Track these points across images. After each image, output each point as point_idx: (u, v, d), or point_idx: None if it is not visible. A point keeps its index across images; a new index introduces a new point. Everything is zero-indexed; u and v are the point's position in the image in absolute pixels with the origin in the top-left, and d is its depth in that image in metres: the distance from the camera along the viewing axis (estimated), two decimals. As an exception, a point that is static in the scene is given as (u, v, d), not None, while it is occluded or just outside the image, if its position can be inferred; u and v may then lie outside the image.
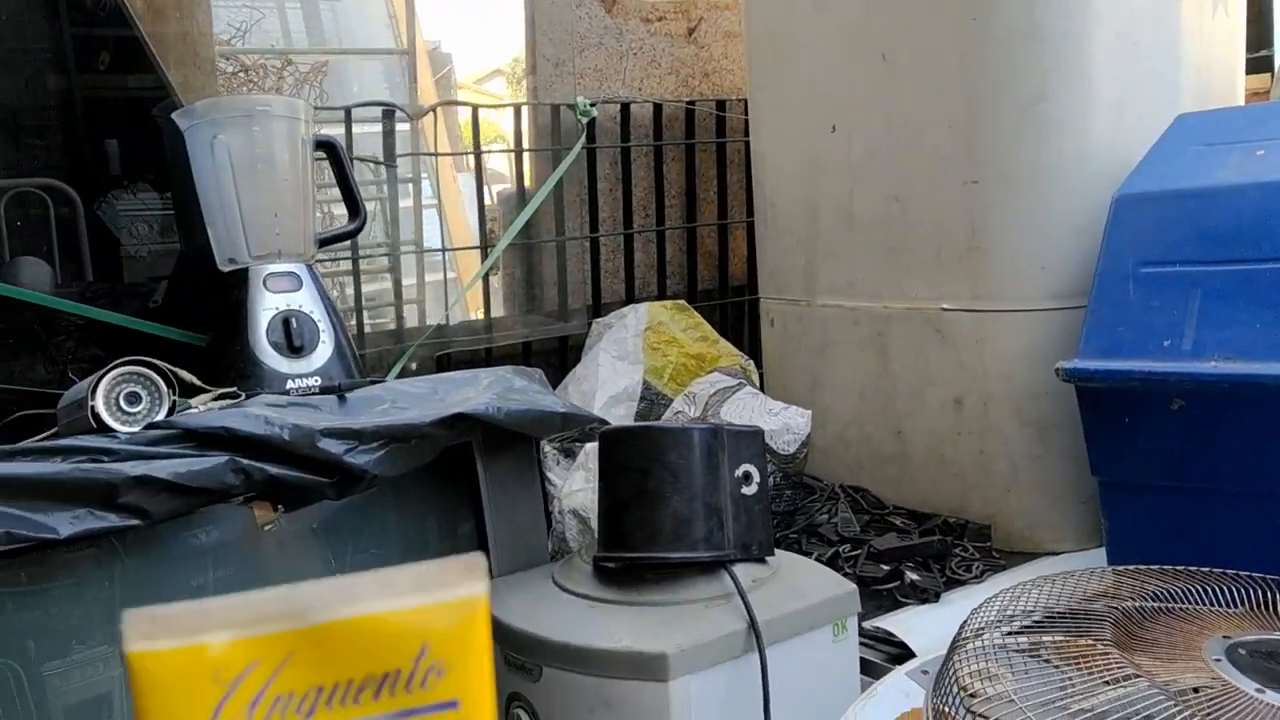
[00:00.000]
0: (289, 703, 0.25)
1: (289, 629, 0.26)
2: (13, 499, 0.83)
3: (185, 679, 0.25)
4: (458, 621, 0.26)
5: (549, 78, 2.33)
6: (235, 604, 0.26)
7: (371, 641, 0.26)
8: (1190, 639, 0.90)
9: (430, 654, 0.26)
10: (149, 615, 0.26)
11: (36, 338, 1.58)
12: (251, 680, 0.25)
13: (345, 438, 1.03)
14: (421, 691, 0.26)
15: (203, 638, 0.25)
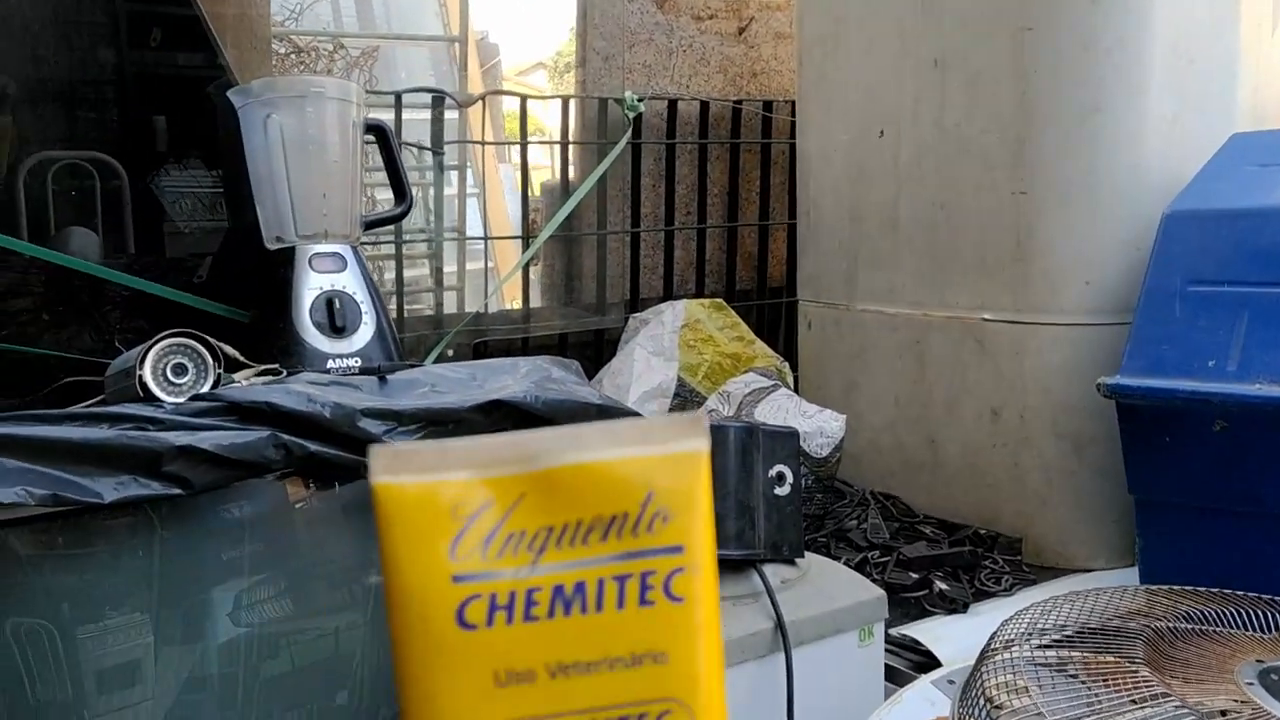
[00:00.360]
0: (520, 540, 0.26)
1: (521, 472, 0.27)
2: (60, 462, 0.84)
3: (426, 512, 0.27)
4: (682, 473, 0.27)
5: (598, 71, 2.33)
6: (471, 446, 0.27)
7: (599, 486, 0.27)
8: (1222, 661, 0.89)
9: (656, 500, 0.26)
10: (393, 451, 0.28)
11: (84, 307, 1.60)
12: (486, 518, 0.27)
13: (385, 418, 1.04)
14: (648, 535, 0.27)
15: (442, 475, 0.27)
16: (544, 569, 0.26)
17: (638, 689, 0.26)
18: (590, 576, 0.26)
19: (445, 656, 0.26)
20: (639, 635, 0.26)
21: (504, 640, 0.26)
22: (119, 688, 0.94)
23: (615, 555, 0.27)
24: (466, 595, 0.26)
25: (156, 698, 0.94)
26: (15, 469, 0.82)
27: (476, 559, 0.26)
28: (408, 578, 0.26)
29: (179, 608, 0.95)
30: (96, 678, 0.96)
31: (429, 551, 0.26)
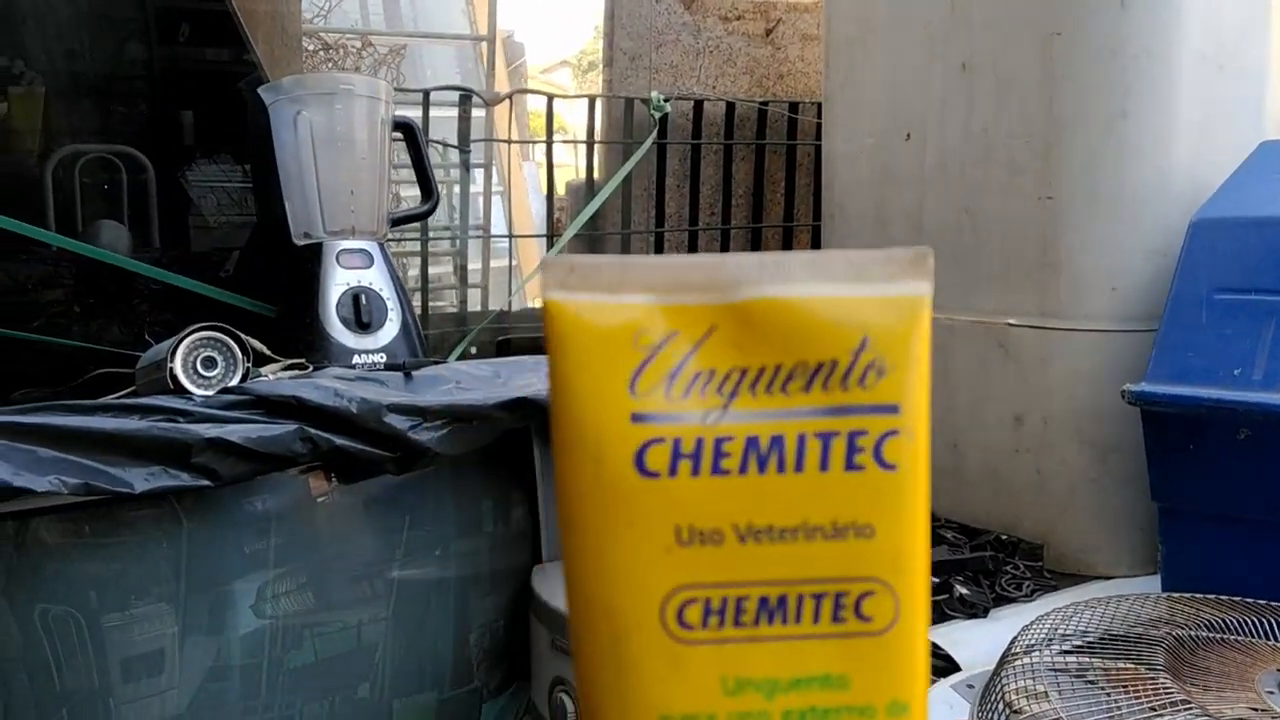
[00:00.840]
0: (709, 380, 0.23)
1: (713, 301, 0.23)
2: (93, 452, 0.85)
3: (604, 338, 0.23)
4: (902, 320, 0.24)
5: (624, 71, 2.34)
6: (656, 266, 0.23)
7: (805, 327, 0.23)
8: (1243, 670, 0.89)
9: (870, 349, 0.23)
10: (567, 263, 0.23)
11: (113, 300, 1.62)
12: (671, 351, 0.23)
13: (410, 414, 1.05)
14: (859, 390, 0.23)
15: (622, 297, 0.23)
16: (736, 416, 0.23)
17: (838, 564, 0.23)
18: (790, 431, 0.23)
19: (621, 505, 0.22)
20: (843, 503, 0.23)
21: (689, 493, 0.22)
22: (144, 676, 0.95)
23: (820, 409, 0.23)
24: (648, 438, 0.22)
25: (181, 687, 0.95)
26: (49, 458, 0.83)
27: (659, 397, 0.22)
28: (581, 411, 0.22)
29: (203, 599, 0.97)
30: (122, 666, 0.98)
31: (607, 383, 0.23)
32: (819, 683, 0.23)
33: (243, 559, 1.00)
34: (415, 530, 1.18)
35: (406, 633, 1.07)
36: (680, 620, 0.23)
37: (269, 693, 0.99)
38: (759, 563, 0.23)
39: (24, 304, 1.54)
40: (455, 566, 1.12)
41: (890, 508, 0.23)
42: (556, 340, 0.23)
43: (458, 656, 1.10)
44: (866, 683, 0.23)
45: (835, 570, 0.23)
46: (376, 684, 1.05)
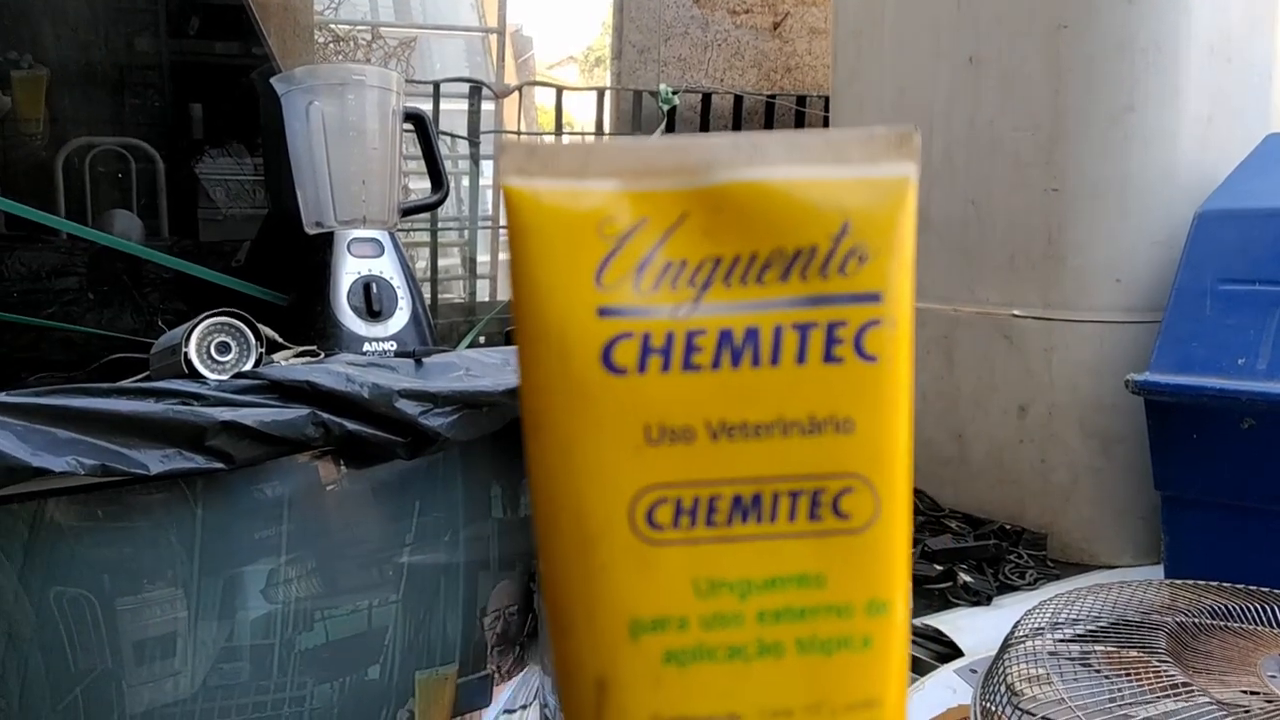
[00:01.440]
0: (681, 271, 0.21)
1: (684, 187, 0.22)
2: (109, 434, 0.86)
3: (567, 226, 0.22)
4: (885, 203, 0.22)
5: (633, 64, 2.35)
6: (623, 149, 0.22)
7: (781, 211, 0.22)
8: (1245, 655, 0.90)
9: (851, 235, 0.22)
10: (528, 148, 0.22)
11: (125, 288, 1.63)
12: (640, 240, 0.22)
13: (421, 400, 1.06)
14: (840, 277, 0.22)
15: (586, 183, 0.22)
16: (708, 309, 0.22)
17: (815, 460, 0.22)
18: (765, 322, 0.22)
19: (588, 404, 0.21)
20: (821, 397, 0.22)
21: (658, 389, 0.21)
22: (157, 657, 0.96)
23: (797, 299, 0.22)
24: (615, 333, 0.22)
25: (193, 668, 0.96)
26: (67, 439, 0.85)
27: (627, 290, 0.22)
28: (545, 305, 0.22)
29: (216, 581, 0.98)
30: (135, 647, 0.99)
31: (571, 275, 0.22)
32: (795, 582, 0.22)
33: (255, 543, 1.01)
34: (425, 515, 1.20)
35: (417, 617, 1.09)
36: (650, 521, 0.22)
37: (280, 674, 1.00)
38: (732, 460, 0.22)
39: (38, 291, 1.55)
40: (465, 551, 1.14)
41: (871, 401, 0.22)
42: (517, 229, 0.22)
43: (469, 640, 1.11)
44: (844, 581, 0.22)
45: (812, 467, 0.22)
46: (385, 666, 1.06)
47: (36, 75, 1.74)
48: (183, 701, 0.95)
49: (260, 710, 0.98)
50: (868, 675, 0.22)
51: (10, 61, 1.72)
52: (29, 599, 0.90)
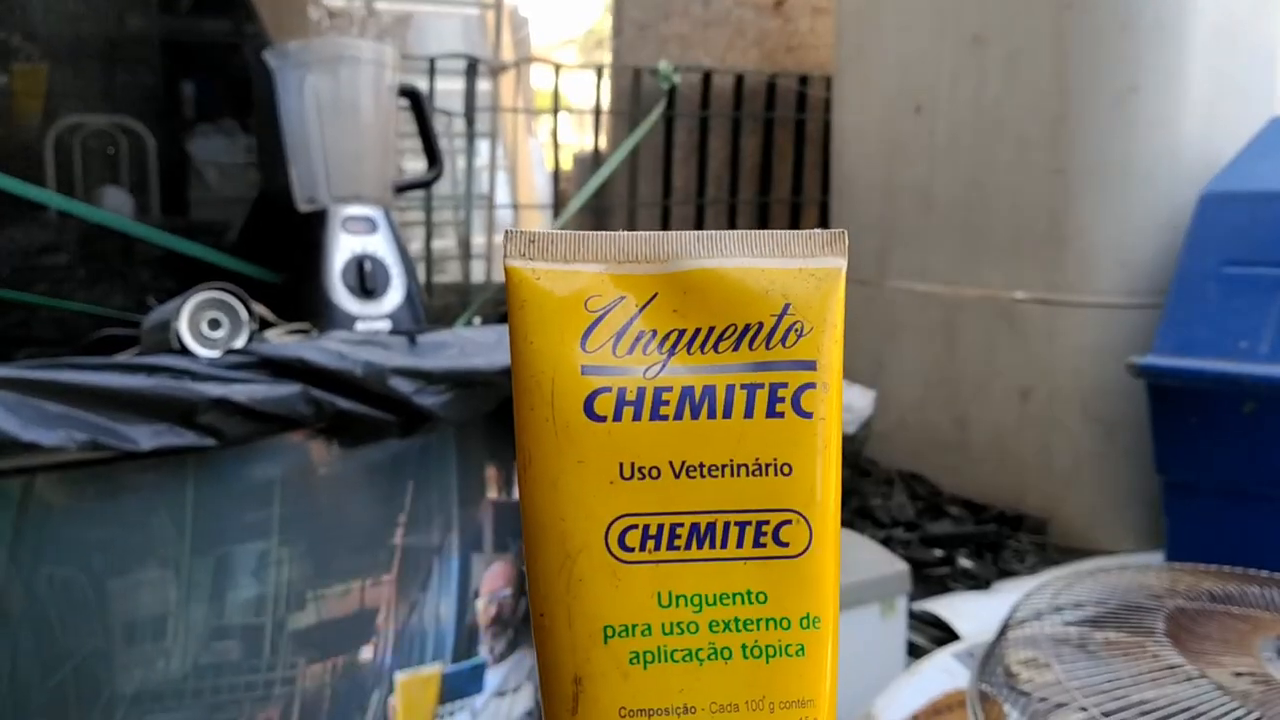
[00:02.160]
0: (651, 339, 0.26)
1: (656, 271, 0.27)
2: (100, 408, 0.85)
3: (559, 301, 0.27)
4: (820, 289, 0.27)
5: (632, 41, 2.33)
6: (606, 240, 0.28)
7: (735, 294, 0.27)
8: (1244, 638, 0.89)
9: (792, 314, 0.27)
10: (528, 236, 0.27)
11: (116, 266, 1.62)
12: (618, 313, 0.27)
13: (415, 378, 1.05)
14: (781, 348, 0.27)
15: (575, 266, 0.27)
16: (674, 370, 0.27)
17: (759, 498, 0.27)
18: (720, 383, 0.27)
19: (572, 445, 0.26)
20: (765, 445, 0.26)
21: (631, 435, 0.26)
22: (148, 637, 0.95)
23: (746, 365, 0.27)
24: (596, 387, 0.26)
25: (184, 647, 0.96)
26: (57, 413, 0.84)
27: (607, 353, 0.27)
28: (539, 364, 0.27)
29: (207, 561, 0.97)
30: (125, 626, 0.98)
31: (560, 339, 0.27)
32: (741, 598, 0.27)
33: (246, 522, 1.00)
34: (419, 495, 1.19)
35: (410, 598, 1.08)
36: (621, 544, 0.26)
37: (271, 654, 0.99)
38: (691, 495, 0.26)
39: (27, 268, 1.54)
40: (459, 533, 1.13)
41: (806, 450, 0.27)
42: (518, 302, 0.27)
43: (462, 622, 1.10)
44: (783, 598, 0.27)
45: (757, 503, 0.27)
46: (378, 647, 1.05)
47: (37, 69, 1.73)
48: (173, 681, 0.94)
49: (251, 690, 0.97)
50: (802, 678, 0.27)
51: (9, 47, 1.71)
52: (19, 579, 0.89)
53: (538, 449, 0.27)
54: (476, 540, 1.14)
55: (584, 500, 0.26)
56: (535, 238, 0.27)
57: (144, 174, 1.78)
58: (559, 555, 0.27)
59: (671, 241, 0.27)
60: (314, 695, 1.01)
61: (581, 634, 0.27)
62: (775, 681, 0.26)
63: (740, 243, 0.27)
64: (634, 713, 0.26)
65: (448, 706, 1.07)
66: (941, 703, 1.03)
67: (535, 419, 0.27)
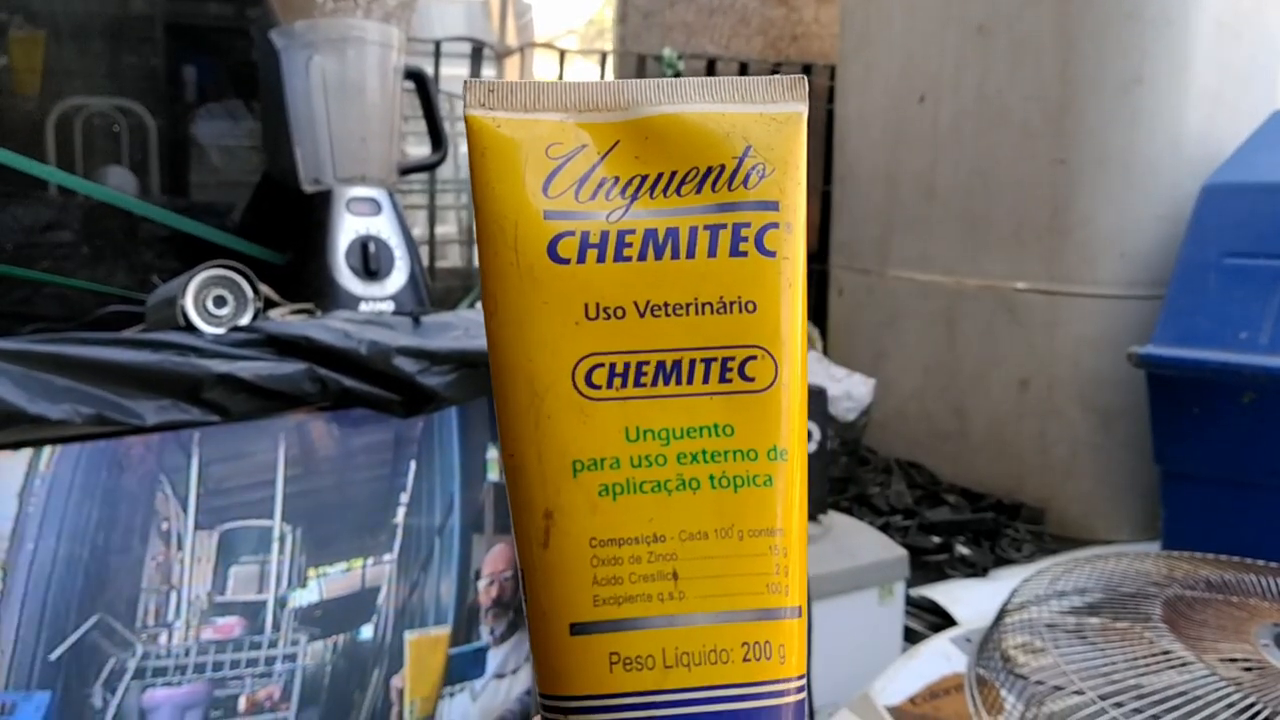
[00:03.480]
0: (614, 185, 0.27)
1: (617, 119, 0.27)
2: (106, 383, 0.86)
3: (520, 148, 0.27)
4: (781, 132, 0.27)
5: (637, 28, 2.32)
6: (566, 89, 0.28)
7: (695, 138, 0.27)
8: (1240, 625, 0.89)
9: (753, 156, 0.27)
10: (487, 86, 0.27)
11: (120, 245, 1.62)
12: (580, 161, 0.27)
13: (419, 358, 1.05)
14: (744, 189, 0.27)
15: (536, 115, 0.27)
16: (636, 214, 0.27)
17: (725, 334, 0.27)
18: (683, 224, 0.27)
19: (537, 288, 0.27)
20: (729, 283, 0.27)
21: (595, 276, 0.27)
22: (150, 612, 0.96)
23: (709, 207, 0.27)
24: (559, 231, 0.27)
25: (185, 623, 0.96)
26: (64, 387, 0.84)
27: (570, 199, 0.27)
28: (501, 210, 0.27)
29: (209, 536, 0.97)
30: (128, 601, 0.98)
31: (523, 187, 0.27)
32: (709, 430, 0.27)
33: (250, 498, 1.01)
34: (422, 475, 1.19)
35: (411, 577, 1.08)
36: (589, 381, 0.27)
37: (273, 631, 1.00)
38: (656, 333, 0.27)
39: (31, 245, 1.54)
40: (461, 513, 1.13)
41: (770, 287, 0.27)
42: (478, 151, 0.27)
43: (462, 602, 1.11)
44: (750, 431, 0.27)
45: (723, 339, 0.27)
46: (379, 626, 1.06)
47: (34, 35, 1.72)
48: (175, 655, 0.95)
49: (253, 666, 0.98)
50: (769, 507, 0.27)
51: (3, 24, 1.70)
52: (21, 550, 0.89)
53: (503, 293, 0.27)
54: (478, 521, 1.15)
55: (550, 340, 0.27)
56: (494, 87, 0.27)
57: (145, 155, 1.78)
58: (527, 394, 0.27)
59: (632, 89, 0.27)
60: (315, 673, 1.01)
61: (551, 469, 0.27)
62: (744, 510, 0.27)
63: (700, 89, 0.27)
64: (604, 543, 0.27)
65: (449, 688, 1.08)
66: (939, 686, 1.04)
67: (500, 264, 0.27)
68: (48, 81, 1.74)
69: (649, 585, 0.27)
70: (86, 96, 1.76)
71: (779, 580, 0.27)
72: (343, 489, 1.07)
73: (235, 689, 0.97)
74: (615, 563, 0.27)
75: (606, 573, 0.27)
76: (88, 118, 1.74)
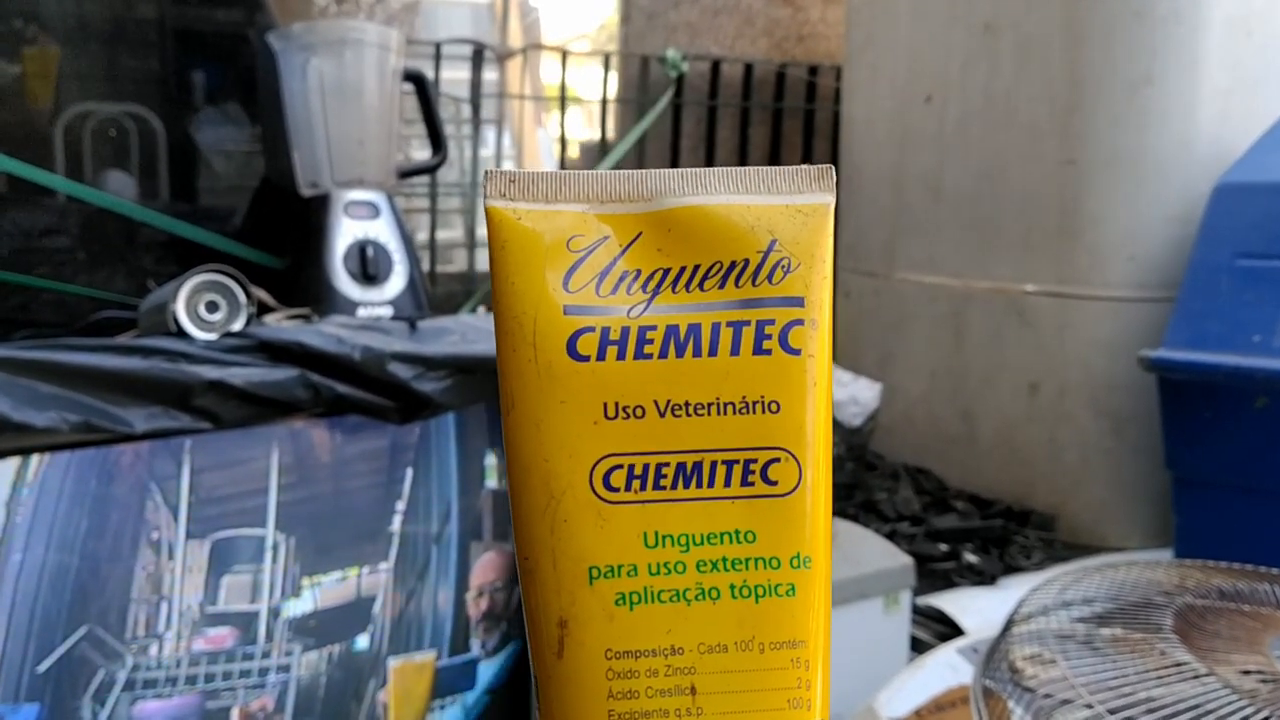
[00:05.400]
0: (635, 279, 0.26)
1: (640, 211, 0.27)
2: (94, 390, 0.85)
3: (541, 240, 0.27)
4: (807, 225, 0.27)
5: (641, 29, 2.31)
6: (589, 179, 0.27)
7: (720, 231, 0.27)
8: (1253, 635, 0.87)
9: (778, 250, 0.26)
10: (508, 176, 0.27)
11: (118, 250, 1.61)
12: (601, 253, 0.27)
13: (414, 363, 1.04)
14: (768, 284, 0.26)
15: (558, 205, 0.27)
16: (658, 309, 0.26)
17: (747, 436, 0.26)
18: (705, 321, 0.26)
19: (556, 385, 0.26)
20: (752, 383, 0.26)
21: (615, 374, 0.26)
22: (141, 622, 0.95)
23: (732, 302, 0.26)
24: (579, 327, 0.26)
25: (178, 633, 0.95)
26: (50, 394, 0.83)
27: (590, 293, 0.26)
28: (521, 305, 0.26)
29: (202, 546, 0.96)
30: (119, 611, 0.97)
31: (544, 281, 0.26)
32: (730, 537, 0.26)
33: (242, 507, 1.00)
34: (418, 483, 1.18)
35: (407, 586, 1.07)
36: (607, 484, 0.26)
37: (266, 641, 0.98)
38: (677, 434, 0.26)
39: (29, 250, 1.53)
40: (458, 522, 1.12)
41: (795, 387, 0.26)
42: (499, 243, 0.27)
43: (459, 612, 1.09)
44: (773, 537, 0.26)
45: (745, 441, 0.26)
46: (375, 636, 1.04)
47: (48, 51, 1.72)
48: (166, 667, 0.93)
49: (245, 677, 0.96)
50: (793, 618, 0.26)
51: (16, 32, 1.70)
52: (10, 560, 0.88)
53: (521, 390, 0.26)
54: (476, 529, 1.13)
55: (568, 441, 0.26)
56: (516, 177, 0.27)
57: (153, 161, 1.77)
58: (543, 496, 0.26)
59: (655, 180, 0.27)
60: (309, 683, 1.00)
61: (566, 575, 0.26)
62: (765, 622, 0.26)
63: (724, 179, 0.27)
64: (620, 654, 0.26)
65: (439, 701, 1.06)
66: (944, 698, 1.02)
67: (518, 360, 0.26)
68: (58, 88, 1.74)
69: (666, 700, 0.26)
70: (95, 102, 1.76)
71: (801, 695, 0.26)
72: (337, 497, 1.05)
73: (228, 700, 0.96)
74: (632, 675, 0.26)
75: (622, 686, 0.26)
76: (96, 123, 1.74)
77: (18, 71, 1.72)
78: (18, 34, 1.71)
